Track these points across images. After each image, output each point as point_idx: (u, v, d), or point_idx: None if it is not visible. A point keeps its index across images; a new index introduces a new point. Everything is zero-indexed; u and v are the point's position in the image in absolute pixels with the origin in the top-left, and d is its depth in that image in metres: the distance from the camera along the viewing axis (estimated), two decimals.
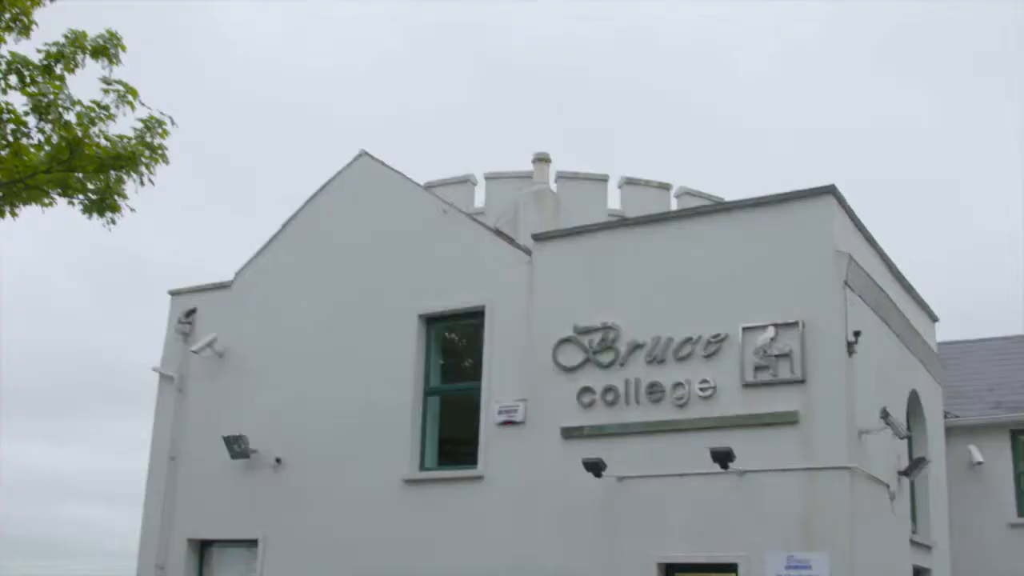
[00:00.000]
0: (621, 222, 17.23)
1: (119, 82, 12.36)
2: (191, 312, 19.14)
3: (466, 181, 22.81)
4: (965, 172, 65.52)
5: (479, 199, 22.69)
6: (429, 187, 19.94)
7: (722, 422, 14.07)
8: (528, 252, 16.18)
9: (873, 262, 15.94)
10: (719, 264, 14.66)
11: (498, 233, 17.25)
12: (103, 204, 12.63)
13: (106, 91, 12.30)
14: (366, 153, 18.15)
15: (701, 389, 14.34)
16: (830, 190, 14.33)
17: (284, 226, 18.63)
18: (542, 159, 21.20)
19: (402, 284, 17.01)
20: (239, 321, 18.52)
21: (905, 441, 16.27)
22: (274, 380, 17.79)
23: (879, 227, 16.17)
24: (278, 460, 17.34)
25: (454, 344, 17.62)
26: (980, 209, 61.92)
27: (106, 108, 12.27)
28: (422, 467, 16.42)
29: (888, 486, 15.16)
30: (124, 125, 12.62)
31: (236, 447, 17.40)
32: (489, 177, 22.83)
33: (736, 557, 13.65)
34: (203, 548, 18.22)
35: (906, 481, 16.30)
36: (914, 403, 17.77)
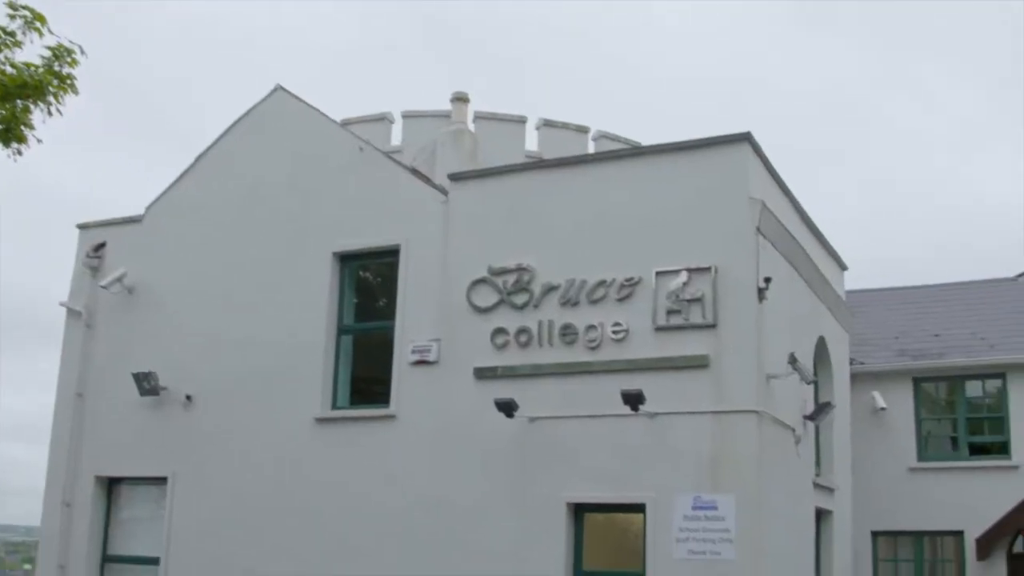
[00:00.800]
0: (538, 164, 17.23)
1: (26, 7, 11.95)
2: (100, 246, 18.78)
3: (383, 119, 22.61)
4: (878, 128, 66.58)
5: (396, 137, 22.53)
6: (346, 124, 19.71)
7: (634, 365, 14.20)
8: (444, 192, 16.11)
9: (786, 210, 16.13)
10: (634, 208, 14.72)
11: (414, 172, 17.13)
12: (8, 134, 12.23)
13: (12, 16, 11.86)
14: (281, 88, 17.87)
15: (614, 332, 14.45)
16: (746, 137, 14.44)
17: (197, 160, 18.31)
18: (460, 99, 21.06)
19: (316, 221, 16.84)
20: (149, 256, 18.21)
21: (811, 386, 16.61)
22: (185, 316, 17.56)
23: (793, 177, 16.38)
24: (188, 397, 17.18)
25: (368, 283, 17.54)
26: (895, 165, 63.06)
27: (12, 34, 11.84)
28: (334, 406, 16.37)
29: (794, 430, 15.47)
30: (31, 53, 12.23)
31: (145, 384, 17.19)
32: (407, 115, 22.66)
33: (644, 497, 13.86)
34: (111, 485, 18.03)
35: (811, 425, 16.65)
36: (821, 349, 18.11)
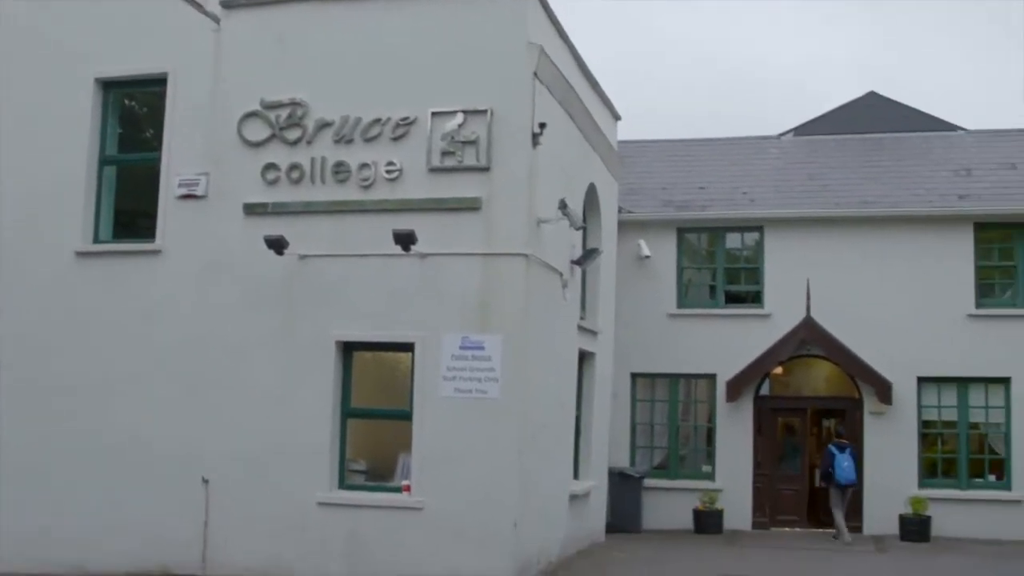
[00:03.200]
0: None
1: None
2: None
3: None
4: None
5: None
6: None
7: (406, 205, 14.19)
8: (216, 19, 15.42)
9: (564, 57, 16.18)
10: (413, 47, 14.50)
11: None
12: None
13: None
14: None
15: (387, 171, 14.35)
16: None
17: None
18: None
19: (78, 46, 15.87)
20: None
21: (580, 232, 16.98)
22: None
23: (573, 26, 16.42)
24: None
25: (134, 112, 16.80)
26: (676, 22, 63.80)
27: None
28: (96, 239, 15.76)
29: (561, 274, 15.84)
30: None
31: None
32: None
33: (413, 337, 14.02)
34: None
35: (578, 270, 17.07)
36: (591, 196, 18.46)
